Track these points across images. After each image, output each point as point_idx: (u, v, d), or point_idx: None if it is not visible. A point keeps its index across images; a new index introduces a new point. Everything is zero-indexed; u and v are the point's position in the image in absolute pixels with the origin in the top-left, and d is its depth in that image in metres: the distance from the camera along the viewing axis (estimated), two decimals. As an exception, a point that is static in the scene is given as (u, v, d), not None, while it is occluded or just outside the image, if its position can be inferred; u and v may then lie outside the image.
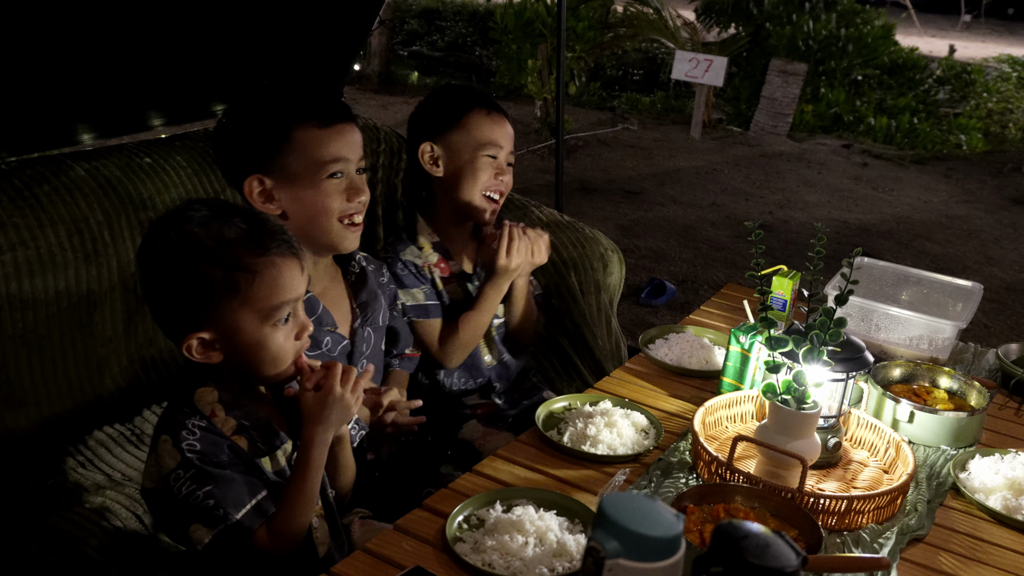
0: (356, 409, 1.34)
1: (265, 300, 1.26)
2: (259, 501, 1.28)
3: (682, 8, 9.50)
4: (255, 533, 1.27)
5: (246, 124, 1.60)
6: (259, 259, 1.26)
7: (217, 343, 1.27)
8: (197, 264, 1.24)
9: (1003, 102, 9.32)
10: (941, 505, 1.47)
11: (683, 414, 1.70)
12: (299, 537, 1.31)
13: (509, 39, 8.73)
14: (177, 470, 1.24)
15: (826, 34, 8.78)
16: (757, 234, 1.52)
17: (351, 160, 1.62)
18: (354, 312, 1.74)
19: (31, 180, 1.70)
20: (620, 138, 8.09)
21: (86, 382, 1.69)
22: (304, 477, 1.30)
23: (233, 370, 1.32)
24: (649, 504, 0.92)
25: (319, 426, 1.31)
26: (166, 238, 1.26)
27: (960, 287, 2.16)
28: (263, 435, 1.34)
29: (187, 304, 1.25)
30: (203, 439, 1.26)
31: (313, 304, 1.65)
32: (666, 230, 5.59)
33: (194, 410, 1.29)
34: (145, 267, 1.28)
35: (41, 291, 1.62)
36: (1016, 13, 22.95)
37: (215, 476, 1.25)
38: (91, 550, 1.40)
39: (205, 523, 1.25)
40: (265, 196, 1.59)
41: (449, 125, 1.92)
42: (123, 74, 2.02)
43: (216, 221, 1.27)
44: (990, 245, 5.77)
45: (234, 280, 1.24)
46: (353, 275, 1.77)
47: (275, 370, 1.32)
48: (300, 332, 1.33)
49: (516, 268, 1.90)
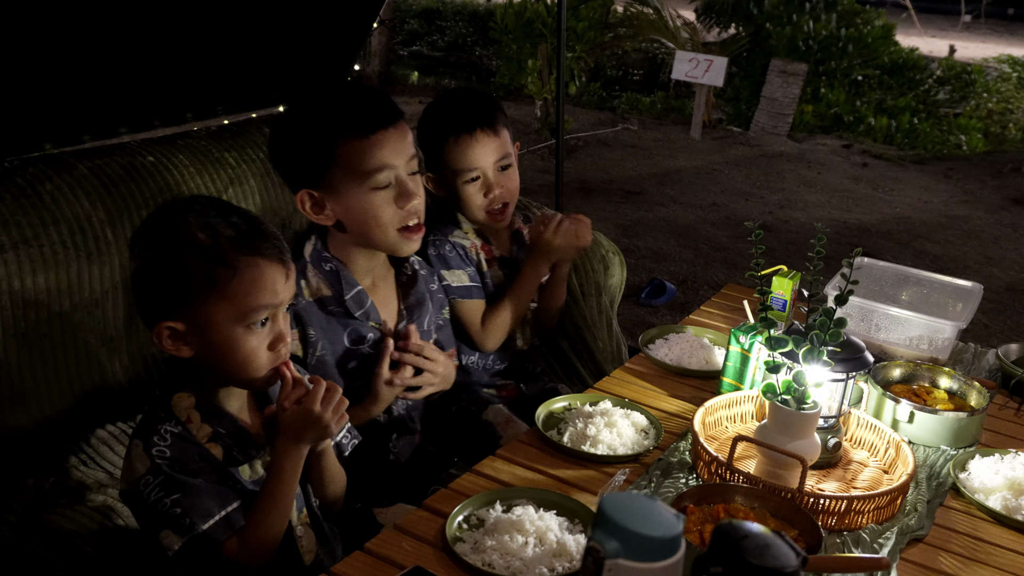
0: (335, 428, 1.32)
1: (242, 300, 1.25)
2: (228, 513, 1.26)
3: (682, 8, 9.49)
4: (224, 544, 1.25)
5: (290, 142, 1.62)
6: (243, 258, 1.26)
7: (188, 336, 1.26)
8: (181, 254, 1.24)
9: (1003, 102, 9.32)
10: (941, 505, 1.47)
11: (683, 414, 1.70)
12: (271, 548, 1.29)
13: (509, 39, 8.72)
14: (147, 476, 1.24)
15: (826, 34, 8.77)
16: (757, 234, 1.52)
17: (397, 165, 1.61)
18: (400, 313, 1.75)
19: (33, 178, 1.70)
20: (620, 138, 8.09)
21: (88, 380, 1.69)
22: (275, 489, 1.29)
23: (206, 370, 1.30)
24: (649, 504, 0.92)
25: (291, 441, 1.29)
26: (160, 225, 1.27)
27: (960, 287, 2.16)
28: (239, 443, 1.33)
29: (165, 292, 1.25)
30: (174, 446, 1.25)
31: (361, 298, 1.67)
32: (666, 230, 5.59)
33: (170, 415, 1.28)
34: (134, 248, 1.29)
35: (43, 289, 1.62)
36: (1016, 13, 22.93)
37: (183, 484, 1.24)
38: (92, 548, 1.41)
39: (174, 530, 1.24)
40: (317, 209, 1.61)
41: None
42: (124, 74, 2.02)
43: (212, 217, 1.27)
44: (990, 245, 5.77)
45: (214, 275, 1.24)
46: (405, 276, 1.78)
47: (244, 374, 1.29)
48: (275, 341, 1.30)
49: (559, 248, 1.97)
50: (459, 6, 12.12)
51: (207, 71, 2.25)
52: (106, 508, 1.48)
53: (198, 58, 2.18)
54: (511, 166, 1.98)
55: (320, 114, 1.60)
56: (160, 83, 2.13)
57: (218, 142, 2.06)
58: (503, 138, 1.95)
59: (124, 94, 2.08)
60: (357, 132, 1.57)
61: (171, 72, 2.14)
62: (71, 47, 1.84)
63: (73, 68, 1.88)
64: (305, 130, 1.60)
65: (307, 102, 1.63)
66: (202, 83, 2.27)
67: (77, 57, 1.87)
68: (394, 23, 11.51)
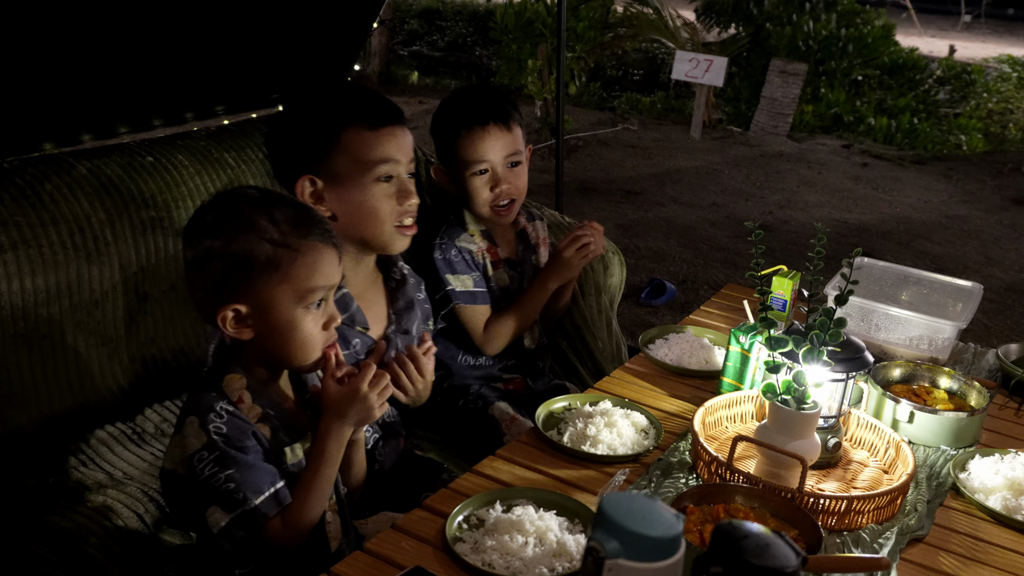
0: (378, 413, 1.35)
1: (303, 281, 1.31)
2: (277, 490, 1.29)
3: (682, 8, 9.49)
4: (269, 521, 1.28)
5: (297, 125, 1.63)
6: (303, 241, 1.31)
7: (250, 318, 1.30)
8: (245, 237, 1.29)
9: (1003, 102, 9.32)
10: (941, 505, 1.47)
11: (683, 414, 1.70)
12: (308, 529, 1.32)
13: (509, 39, 8.72)
14: (202, 451, 1.26)
15: (826, 34, 8.77)
16: (757, 234, 1.52)
17: (400, 162, 1.63)
18: (389, 318, 1.76)
19: (33, 179, 1.70)
20: (620, 138, 8.08)
21: (87, 381, 1.69)
22: (318, 469, 1.32)
23: (261, 353, 1.34)
24: (649, 504, 0.92)
25: (337, 420, 1.33)
26: (218, 213, 1.32)
27: (960, 287, 2.16)
28: (286, 426, 1.36)
29: (229, 275, 1.29)
30: (229, 423, 1.28)
31: (347, 302, 1.67)
32: (666, 230, 5.59)
33: (222, 394, 1.31)
34: (193, 238, 1.32)
35: (43, 290, 1.62)
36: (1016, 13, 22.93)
37: (238, 460, 1.27)
38: (92, 549, 1.40)
39: (223, 506, 1.26)
40: (315, 197, 1.62)
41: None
42: (123, 74, 2.02)
43: (268, 204, 1.32)
44: (990, 245, 5.76)
45: (278, 257, 1.29)
46: (394, 281, 1.79)
47: (302, 354, 1.34)
48: (328, 322, 1.36)
49: (576, 266, 2.01)
50: (459, 6, 12.12)
51: (207, 71, 2.24)
52: (106, 508, 1.47)
53: (198, 58, 2.18)
54: (521, 164, 1.99)
55: (329, 102, 1.61)
56: (160, 83, 2.13)
57: (218, 142, 2.06)
58: (515, 135, 1.97)
59: (124, 94, 2.07)
60: (366, 122, 1.59)
61: (171, 72, 2.14)
62: (70, 47, 1.84)
63: (72, 68, 1.88)
64: (312, 116, 1.61)
65: (315, 92, 1.65)
66: (202, 83, 2.27)
67: (76, 57, 1.87)
68: (394, 23, 11.51)
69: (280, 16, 2.33)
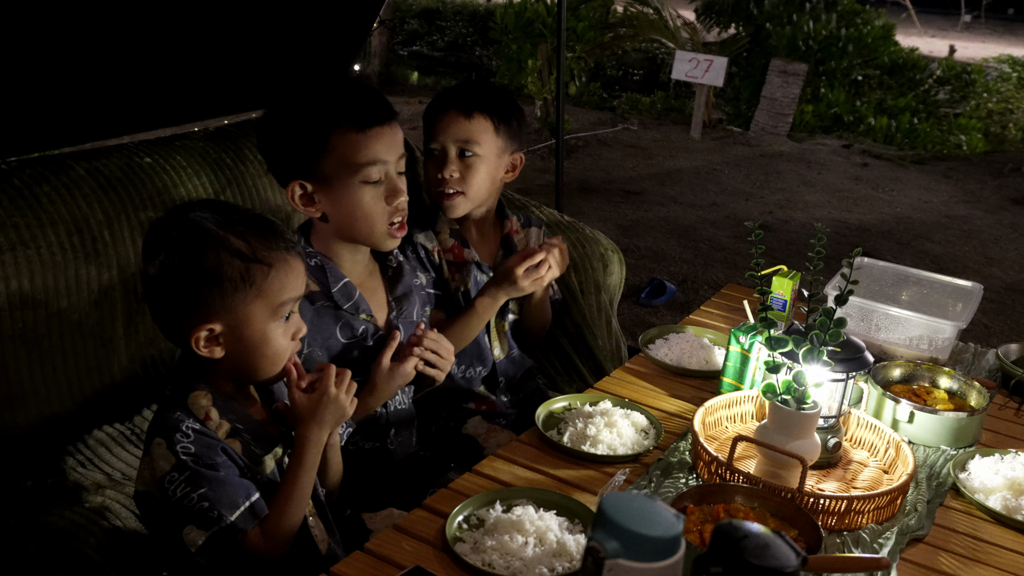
0: (351, 410, 1.36)
1: (276, 295, 1.30)
2: (253, 503, 1.28)
3: (682, 8, 9.49)
4: (247, 534, 1.27)
5: (284, 130, 1.62)
6: (273, 254, 1.30)
7: (223, 336, 1.28)
8: (215, 255, 1.26)
9: (1003, 102, 9.31)
10: (941, 505, 1.47)
11: (683, 414, 1.70)
12: (290, 538, 1.31)
13: (509, 39, 8.72)
14: (172, 472, 1.25)
15: (826, 34, 8.77)
16: (757, 234, 1.52)
17: (389, 161, 1.62)
18: (389, 304, 1.76)
19: (31, 180, 1.70)
20: (620, 138, 8.09)
21: (85, 381, 1.69)
22: (297, 478, 1.31)
23: (230, 369, 1.32)
24: (649, 504, 0.92)
25: (315, 425, 1.32)
26: (178, 231, 1.28)
27: (960, 287, 2.16)
28: (257, 437, 1.35)
29: (202, 294, 1.26)
30: (197, 441, 1.26)
31: (349, 290, 1.67)
32: (666, 230, 5.58)
33: (188, 413, 1.29)
34: (154, 260, 1.28)
35: (41, 291, 1.62)
36: (1016, 13, 22.95)
37: (209, 478, 1.25)
38: (90, 549, 1.40)
39: (199, 525, 1.25)
40: (306, 200, 1.61)
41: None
42: (123, 74, 2.02)
43: (228, 217, 1.30)
44: (990, 245, 5.76)
45: (251, 272, 1.27)
46: (391, 269, 1.79)
47: (272, 368, 1.33)
48: (295, 333, 1.35)
49: (523, 289, 1.83)
50: (459, 6, 12.12)
51: (206, 72, 2.24)
52: (104, 509, 1.47)
53: (197, 59, 2.18)
54: (476, 157, 1.90)
55: (316, 104, 1.60)
56: (159, 84, 2.13)
57: (216, 143, 2.06)
58: (476, 125, 1.89)
59: (122, 95, 2.08)
60: (353, 124, 1.58)
61: (170, 73, 2.14)
62: (70, 48, 1.84)
63: (72, 69, 1.88)
64: (300, 118, 1.60)
65: (303, 93, 1.63)
66: (201, 84, 2.27)
67: (76, 58, 1.87)
68: (394, 23, 11.52)
69: (279, 16, 2.33)
